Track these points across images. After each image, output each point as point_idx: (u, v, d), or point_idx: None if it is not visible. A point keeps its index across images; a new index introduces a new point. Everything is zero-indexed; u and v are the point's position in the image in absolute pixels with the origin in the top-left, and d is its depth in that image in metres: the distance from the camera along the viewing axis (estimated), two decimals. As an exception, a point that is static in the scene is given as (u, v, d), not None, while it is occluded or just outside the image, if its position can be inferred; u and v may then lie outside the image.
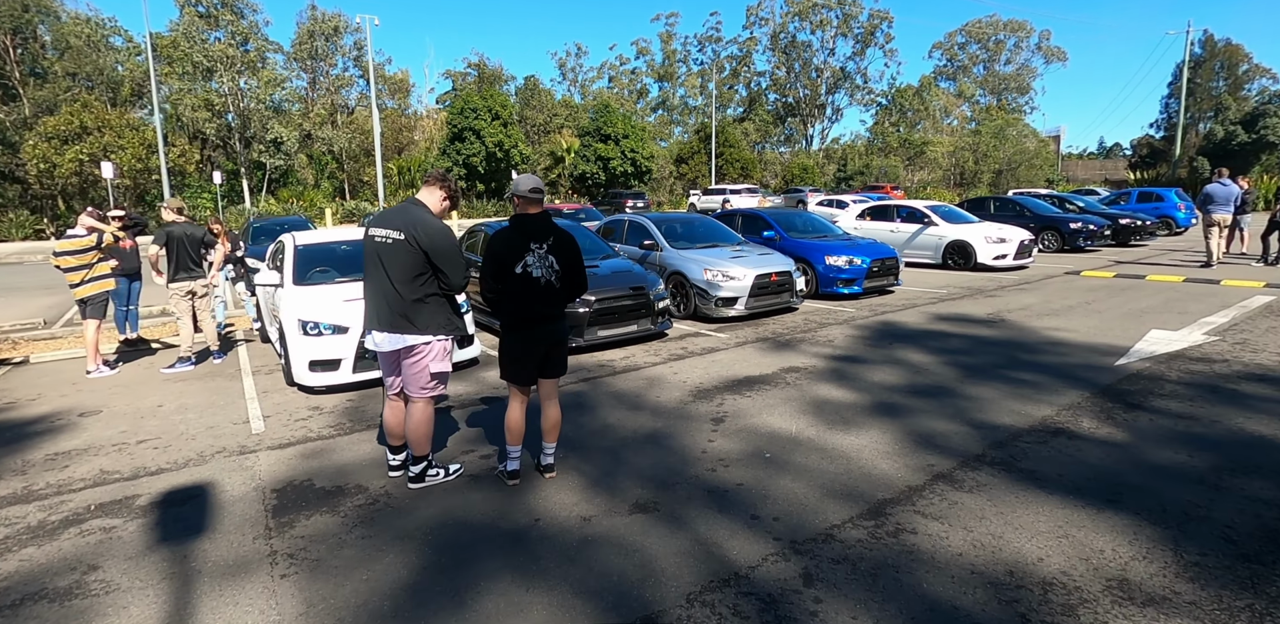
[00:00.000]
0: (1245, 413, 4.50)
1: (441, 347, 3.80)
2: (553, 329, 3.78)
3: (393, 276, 3.62)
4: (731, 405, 5.08)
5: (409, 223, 3.61)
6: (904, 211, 14.15)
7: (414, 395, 3.84)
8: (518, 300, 3.68)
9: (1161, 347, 6.40)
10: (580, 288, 3.88)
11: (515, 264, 3.62)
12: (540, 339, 3.75)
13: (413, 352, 3.74)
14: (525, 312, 3.71)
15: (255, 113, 34.47)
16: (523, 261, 3.64)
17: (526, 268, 3.65)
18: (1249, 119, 44.62)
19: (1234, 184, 12.29)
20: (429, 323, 3.69)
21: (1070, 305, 8.77)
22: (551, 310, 3.75)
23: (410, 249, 3.57)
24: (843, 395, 5.20)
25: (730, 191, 35.49)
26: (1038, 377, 5.52)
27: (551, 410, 3.93)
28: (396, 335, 3.71)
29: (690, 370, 6.17)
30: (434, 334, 3.73)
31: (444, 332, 3.76)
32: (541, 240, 3.68)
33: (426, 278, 3.65)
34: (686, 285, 8.56)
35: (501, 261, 3.62)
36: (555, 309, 3.77)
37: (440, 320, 3.74)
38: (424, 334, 3.71)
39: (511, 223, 3.72)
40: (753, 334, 7.66)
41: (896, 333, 7.45)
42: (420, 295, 3.64)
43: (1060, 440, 4.11)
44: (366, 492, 3.88)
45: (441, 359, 3.82)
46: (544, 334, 3.75)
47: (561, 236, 3.74)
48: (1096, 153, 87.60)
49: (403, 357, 3.78)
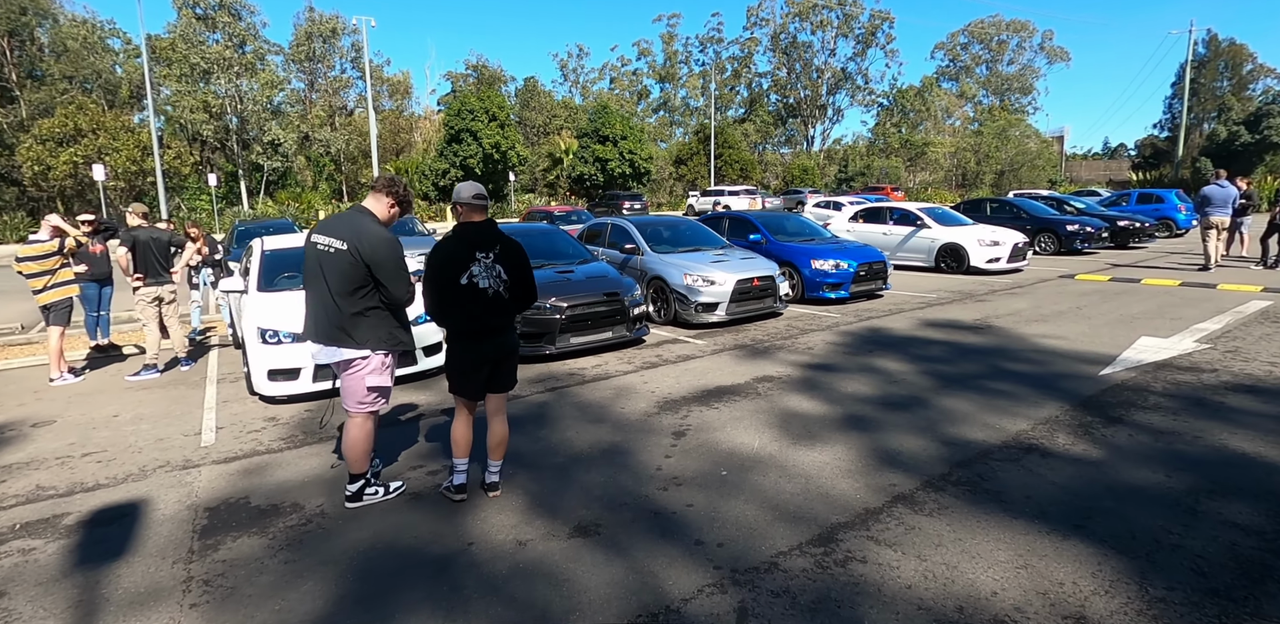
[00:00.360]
0: (1229, 428, 4.30)
1: (380, 361, 3.61)
2: (502, 341, 3.63)
3: (332, 287, 3.45)
4: (696, 418, 4.89)
5: (353, 232, 3.44)
6: (896, 214, 13.94)
7: (351, 410, 3.66)
8: (465, 312, 3.51)
9: (1150, 355, 6.19)
10: (530, 297, 3.72)
11: (460, 275, 3.47)
12: (488, 352, 3.59)
13: (350, 365, 3.57)
14: (473, 323, 3.55)
15: (253, 115, 34.41)
16: (468, 272, 3.48)
17: (473, 278, 3.48)
18: (1252, 119, 44.24)
19: (1231, 186, 12.04)
20: (368, 337, 3.51)
21: (1060, 311, 8.55)
22: (500, 321, 3.59)
23: (352, 260, 3.40)
24: (812, 407, 5.00)
25: (728, 193, 35.31)
26: (1018, 387, 5.32)
27: (498, 427, 3.76)
28: (332, 348, 3.54)
29: (661, 379, 5.99)
30: (373, 348, 3.55)
31: (384, 346, 3.58)
32: (487, 249, 3.52)
33: (368, 291, 3.47)
34: (666, 290, 8.38)
35: (445, 272, 3.46)
36: (504, 320, 3.61)
37: (381, 334, 3.56)
38: (362, 348, 3.53)
39: (455, 232, 3.55)
40: (732, 341, 7.47)
41: (879, 339, 7.25)
42: (360, 308, 3.46)
43: (1032, 458, 3.91)
44: (302, 511, 3.71)
45: (380, 373, 3.64)
46: (492, 347, 3.60)
47: (508, 245, 3.57)
48: (1101, 153, 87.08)
49: (340, 370, 3.63)
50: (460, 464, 3.71)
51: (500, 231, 3.60)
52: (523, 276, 3.61)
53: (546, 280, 7.10)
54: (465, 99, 34.85)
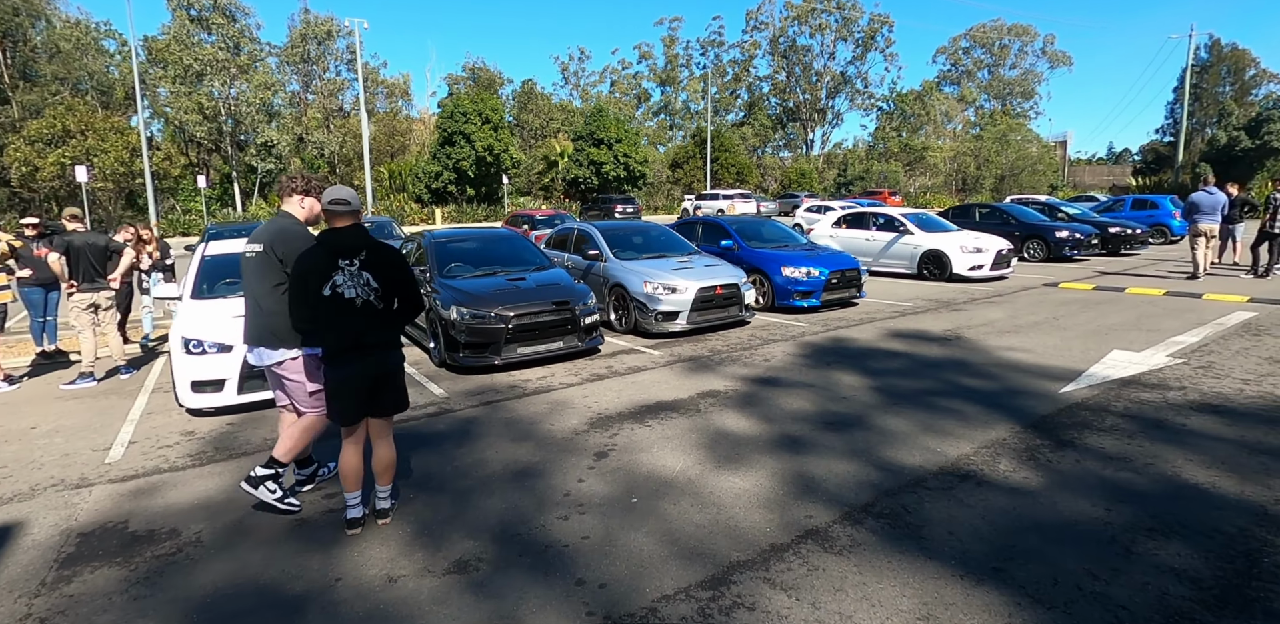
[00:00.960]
0: (1186, 454, 4.00)
1: (311, 360, 3.57)
2: (377, 360, 3.33)
3: (257, 290, 3.56)
4: (625, 437, 4.62)
5: (270, 234, 3.56)
6: (880, 219, 13.65)
7: (304, 411, 3.69)
8: (333, 326, 3.26)
9: (1117, 370, 5.90)
10: (412, 307, 3.45)
11: (323, 285, 3.21)
12: (361, 373, 3.30)
13: (280, 366, 3.60)
14: (342, 339, 3.28)
15: (247, 116, 34.31)
16: (331, 282, 3.22)
17: (336, 288, 3.22)
18: (1253, 125, 43.81)
19: (1220, 192, 11.72)
20: (290, 335, 3.50)
21: (1036, 321, 8.26)
22: (374, 336, 3.31)
23: (269, 260, 3.51)
24: (748, 427, 4.72)
25: (723, 197, 35.10)
26: (970, 406, 5.03)
27: (382, 451, 3.49)
28: (261, 349, 3.60)
29: (604, 393, 5.72)
30: (299, 346, 3.55)
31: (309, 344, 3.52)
32: (351, 256, 3.25)
33: (285, 288, 3.46)
34: (627, 298, 8.11)
35: (307, 284, 3.20)
36: (379, 335, 3.33)
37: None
38: (288, 347, 3.55)
39: (318, 239, 3.30)
40: (689, 351, 7.20)
41: (840, 351, 6.97)
42: (282, 307, 3.45)
43: (966, 487, 3.62)
44: (176, 538, 3.45)
45: (316, 373, 3.58)
46: (366, 366, 3.30)
47: (377, 250, 3.31)
48: (1106, 158, 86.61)
49: (277, 372, 3.64)
50: (351, 498, 3.44)
51: (368, 236, 3.33)
52: (398, 284, 3.33)
53: (496, 288, 6.86)
54: (459, 101, 34.67)
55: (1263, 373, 5.73)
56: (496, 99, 36.87)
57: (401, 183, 38.05)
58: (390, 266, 3.29)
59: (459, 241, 8.21)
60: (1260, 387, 5.33)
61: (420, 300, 3.46)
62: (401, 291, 3.34)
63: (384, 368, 3.34)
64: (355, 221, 3.31)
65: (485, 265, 7.69)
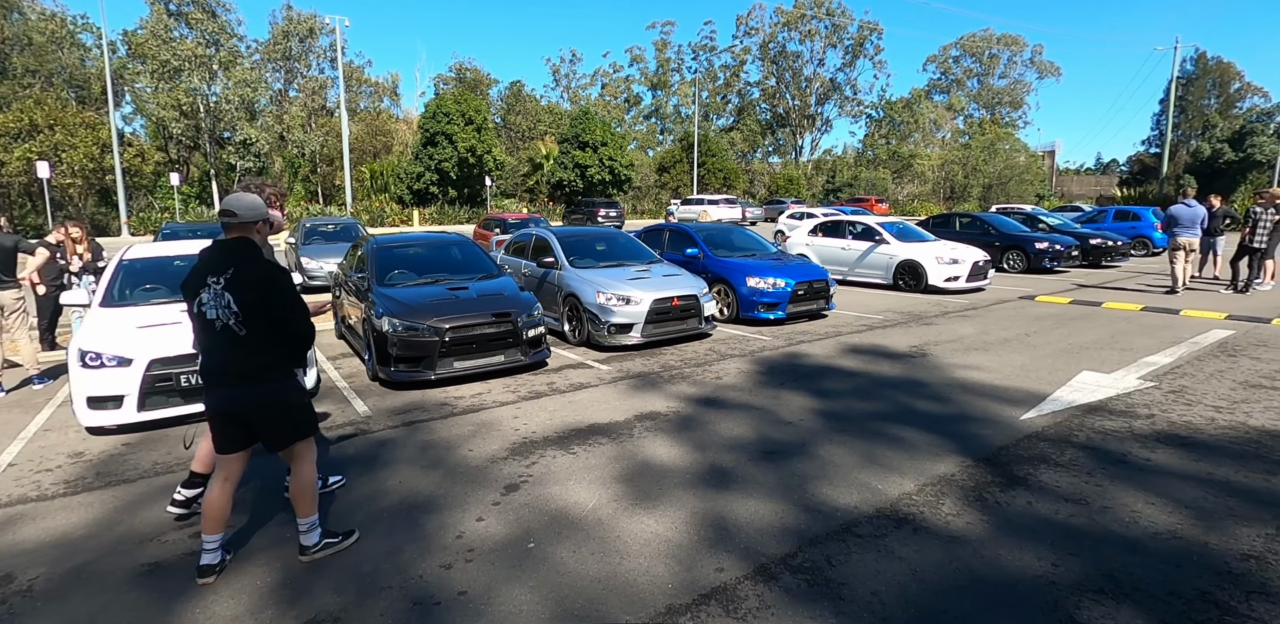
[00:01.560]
0: (1147, 496, 3.65)
1: None
2: (239, 393, 2.93)
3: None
4: (544, 466, 4.22)
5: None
6: (856, 228, 13.33)
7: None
8: (202, 349, 2.98)
9: (1084, 395, 5.56)
10: (287, 335, 2.99)
11: (193, 302, 2.94)
12: (220, 403, 2.95)
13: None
14: (206, 363, 2.97)
15: (226, 113, 33.69)
16: (198, 300, 2.92)
17: (201, 307, 2.91)
18: (1236, 137, 44.07)
19: (1199, 205, 11.49)
20: None
21: (1006, 338, 7.93)
22: (235, 365, 2.92)
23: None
24: (678, 456, 4.34)
25: (708, 202, 34.79)
26: (922, 434, 4.67)
27: (296, 475, 3.14)
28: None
29: (536, 414, 5.32)
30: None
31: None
32: (219, 274, 2.90)
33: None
34: (580, 309, 7.73)
35: (186, 299, 3.00)
36: (240, 364, 2.93)
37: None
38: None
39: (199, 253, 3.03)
40: (640, 367, 6.82)
41: (797, 369, 6.60)
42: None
43: (901, 535, 3.25)
44: (10, 584, 3.03)
45: None
46: (224, 397, 2.94)
47: (246, 269, 2.91)
48: (1094, 168, 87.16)
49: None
50: (209, 542, 3.03)
51: (246, 252, 2.95)
52: (264, 309, 2.90)
53: (433, 298, 6.45)
54: (441, 102, 34.20)
55: (1236, 399, 5.41)
56: (480, 99, 36.40)
57: (383, 183, 37.49)
58: (255, 289, 2.88)
59: (403, 247, 7.80)
60: (1232, 415, 5.01)
61: (297, 328, 2.97)
62: (266, 316, 2.90)
63: (246, 402, 2.94)
64: (242, 235, 2.98)
65: (430, 273, 7.27)
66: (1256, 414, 5.05)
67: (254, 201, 3.00)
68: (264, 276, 2.92)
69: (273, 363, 2.97)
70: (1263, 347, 7.35)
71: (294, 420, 3.08)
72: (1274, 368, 6.43)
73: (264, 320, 2.90)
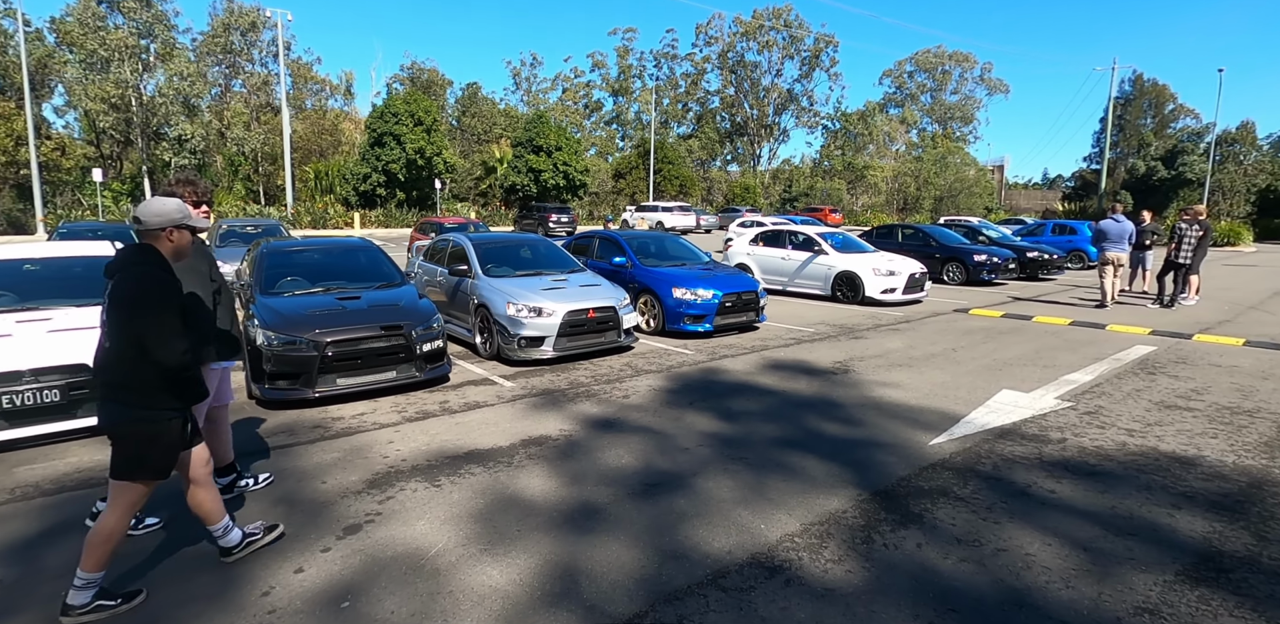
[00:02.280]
0: (1044, 537, 3.37)
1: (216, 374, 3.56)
2: (99, 411, 2.80)
3: None
4: (400, 501, 3.76)
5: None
6: (797, 238, 13.15)
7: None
8: None
9: (999, 416, 5.34)
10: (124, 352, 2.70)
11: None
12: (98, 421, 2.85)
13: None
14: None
15: (161, 108, 32.14)
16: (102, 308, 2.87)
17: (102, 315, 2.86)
18: (1169, 156, 45.98)
19: (1127, 221, 11.62)
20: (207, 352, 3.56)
21: (933, 353, 7.75)
22: (101, 376, 2.79)
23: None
24: (550, 490, 3.91)
25: (662, 208, 34.58)
26: (822, 463, 4.34)
27: (103, 516, 2.77)
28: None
29: (416, 437, 4.84)
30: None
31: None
32: (110, 280, 2.80)
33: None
34: (490, 320, 7.26)
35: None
36: (104, 376, 2.77)
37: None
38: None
39: None
40: (547, 383, 6.38)
41: (711, 387, 6.26)
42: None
43: (769, 588, 2.88)
44: None
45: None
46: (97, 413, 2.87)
47: (120, 280, 2.72)
48: (1041, 183, 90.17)
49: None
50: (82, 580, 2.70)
51: (130, 261, 2.77)
52: (120, 324, 2.69)
53: (318, 309, 5.91)
54: (390, 102, 33.24)
55: (1149, 421, 5.25)
56: (430, 100, 35.47)
57: (329, 184, 36.25)
58: (117, 301, 2.70)
59: (299, 252, 7.23)
60: (1144, 440, 4.82)
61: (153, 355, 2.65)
62: (116, 333, 2.71)
63: (101, 418, 2.77)
64: (147, 242, 2.85)
65: (324, 281, 6.71)
66: (1168, 438, 4.88)
67: (163, 208, 2.84)
68: (126, 292, 2.68)
69: (125, 383, 2.71)
70: (1182, 364, 7.31)
71: (128, 455, 2.74)
72: (1190, 387, 6.35)
73: (124, 337, 2.69)
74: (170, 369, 2.67)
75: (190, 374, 2.79)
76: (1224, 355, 7.78)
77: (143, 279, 2.69)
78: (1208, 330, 9.33)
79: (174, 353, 2.65)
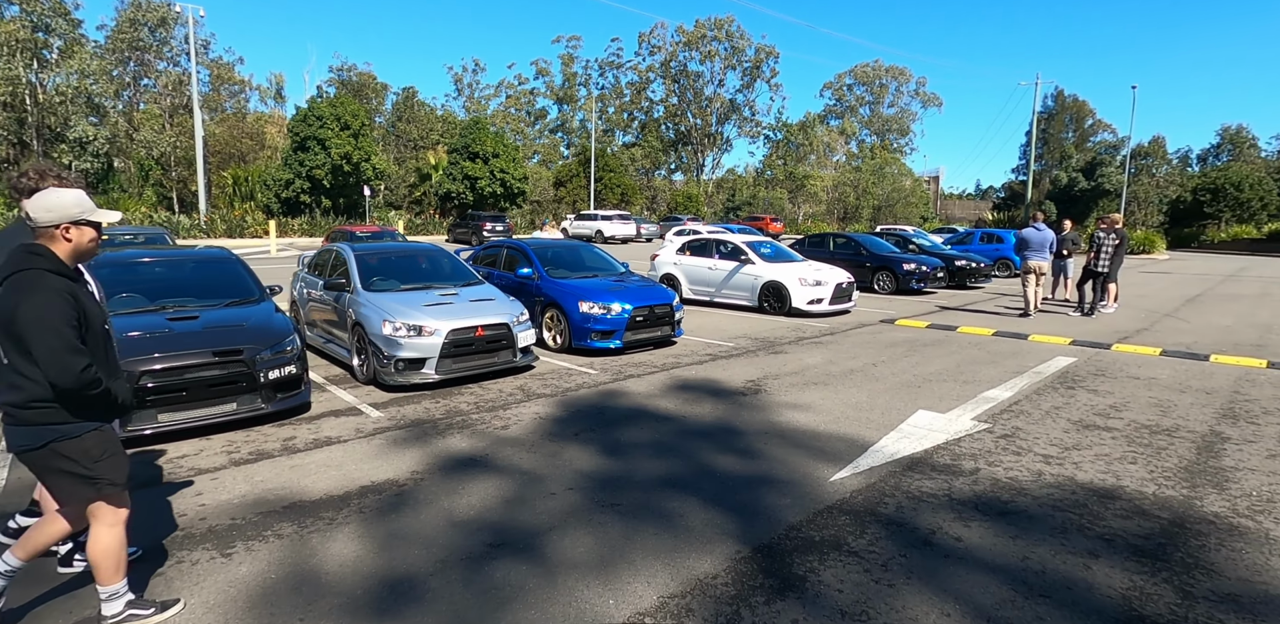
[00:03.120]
0: (944, 602, 2.84)
1: None
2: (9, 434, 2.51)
3: None
4: (164, 580, 2.97)
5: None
6: (724, 247, 12.71)
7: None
8: None
9: (911, 443, 4.88)
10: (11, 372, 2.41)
11: None
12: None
13: None
14: None
15: (58, 107, 29.83)
16: None
17: None
18: (1089, 168, 48.16)
19: (1047, 229, 11.60)
20: None
21: (852, 369, 7.32)
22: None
23: None
24: (365, 556, 3.19)
25: (601, 217, 34.02)
26: (705, 509, 3.75)
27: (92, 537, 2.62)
28: None
29: (231, 488, 4.03)
30: None
31: None
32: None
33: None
34: (366, 341, 6.48)
35: None
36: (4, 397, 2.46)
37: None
38: None
39: None
40: (421, 412, 5.63)
41: (604, 414, 5.63)
42: None
43: (596, 698, 2.25)
44: None
45: None
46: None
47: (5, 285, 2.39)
48: (974, 194, 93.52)
49: None
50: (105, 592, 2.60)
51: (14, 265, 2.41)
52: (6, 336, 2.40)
53: (142, 332, 5.03)
54: (314, 105, 31.70)
55: (1067, 445, 4.88)
56: (357, 104, 34.03)
57: (249, 190, 34.32)
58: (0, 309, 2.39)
59: (138, 264, 6.30)
60: (1061, 468, 4.42)
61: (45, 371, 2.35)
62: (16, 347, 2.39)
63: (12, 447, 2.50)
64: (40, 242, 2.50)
65: (164, 298, 5.79)
66: (1086, 464, 4.49)
67: (59, 201, 2.46)
68: (10, 301, 2.34)
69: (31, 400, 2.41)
70: (1101, 376, 7.08)
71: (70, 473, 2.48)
72: (1109, 403, 6.06)
73: (15, 351, 2.38)
74: (70, 390, 2.36)
75: (99, 391, 2.43)
76: (1142, 366, 7.61)
77: (29, 290, 2.35)
78: (1126, 339, 9.25)
79: (66, 371, 2.32)
